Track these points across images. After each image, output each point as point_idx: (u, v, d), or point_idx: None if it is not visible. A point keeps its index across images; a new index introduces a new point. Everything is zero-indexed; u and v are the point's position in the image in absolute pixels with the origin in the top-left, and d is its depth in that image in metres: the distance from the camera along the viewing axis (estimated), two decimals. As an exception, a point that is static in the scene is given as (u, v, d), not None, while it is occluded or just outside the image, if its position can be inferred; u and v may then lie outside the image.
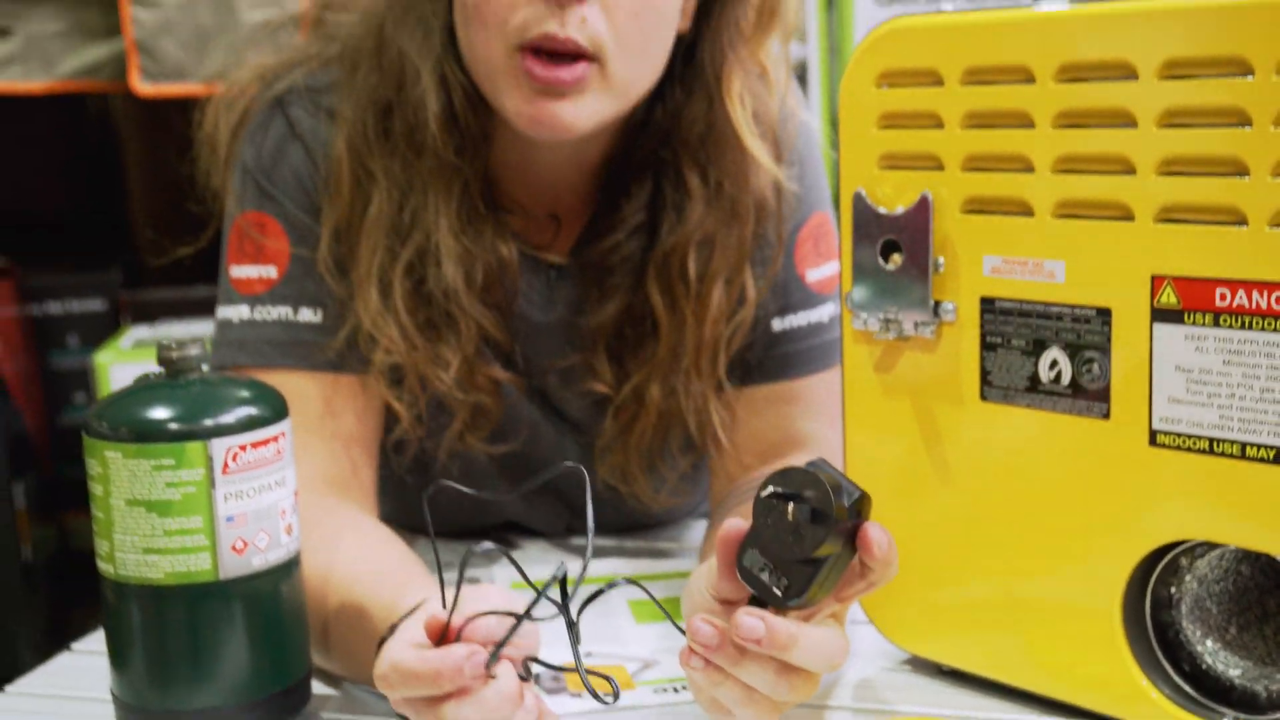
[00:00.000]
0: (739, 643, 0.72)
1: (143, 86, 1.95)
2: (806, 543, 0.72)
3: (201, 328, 2.11)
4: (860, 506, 0.74)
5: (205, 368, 0.81)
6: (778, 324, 1.10)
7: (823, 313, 1.12)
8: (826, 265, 1.12)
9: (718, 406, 1.09)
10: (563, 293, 1.09)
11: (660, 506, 1.15)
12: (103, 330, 2.25)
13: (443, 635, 0.75)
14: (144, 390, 0.79)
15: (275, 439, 0.80)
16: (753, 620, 0.72)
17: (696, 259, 1.05)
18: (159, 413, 0.77)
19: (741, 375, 1.10)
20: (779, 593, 0.73)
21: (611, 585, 0.80)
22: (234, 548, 0.78)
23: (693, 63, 1.04)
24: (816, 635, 0.73)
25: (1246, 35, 0.68)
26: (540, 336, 1.10)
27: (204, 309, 1.99)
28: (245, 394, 0.80)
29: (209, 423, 0.77)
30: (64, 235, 2.69)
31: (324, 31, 1.10)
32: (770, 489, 0.73)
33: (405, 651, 0.73)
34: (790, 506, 0.72)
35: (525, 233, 1.09)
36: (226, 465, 0.77)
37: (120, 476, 0.77)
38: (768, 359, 1.11)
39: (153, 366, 0.81)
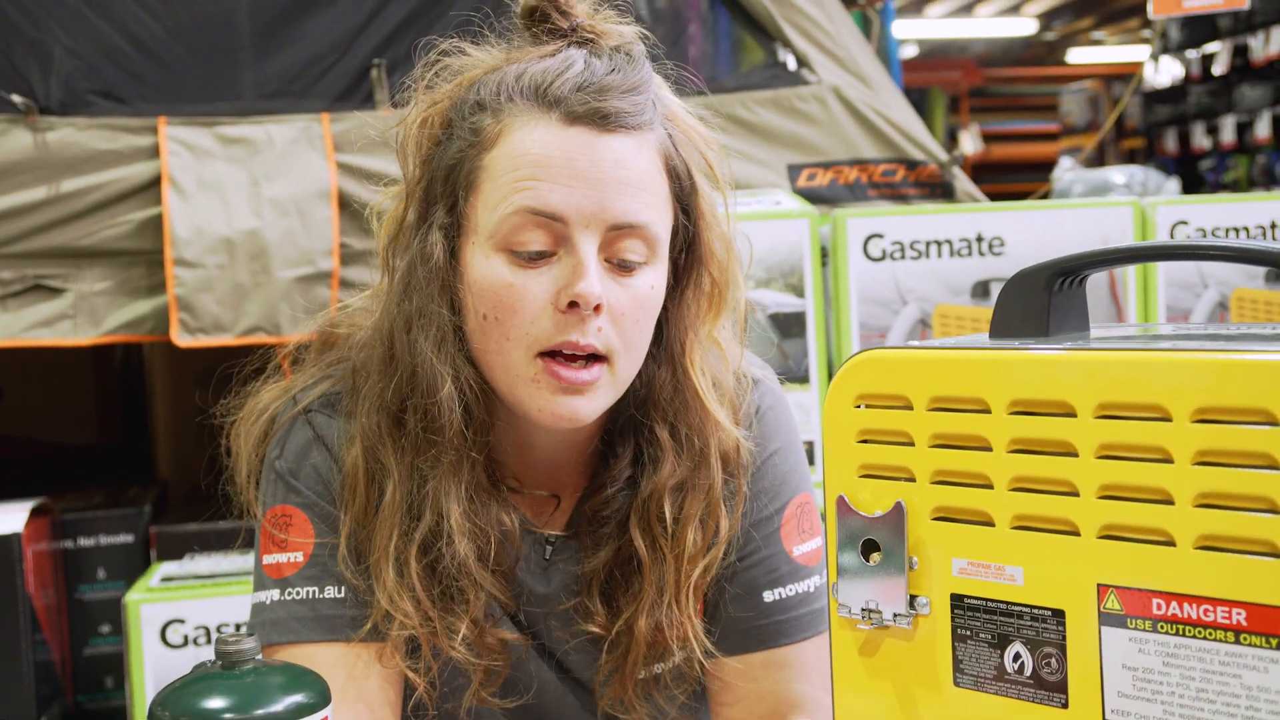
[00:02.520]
0: None
1: (181, 340, 2.08)
2: None
3: (228, 562, 2.19)
4: None
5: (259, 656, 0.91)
6: (768, 596, 1.21)
7: (809, 584, 1.22)
8: (810, 541, 1.23)
9: (698, 633, 1.18)
10: (559, 564, 1.20)
11: None
12: (131, 562, 2.33)
13: None
14: (201, 680, 0.88)
15: (318, 724, 0.89)
16: None
17: (671, 503, 1.17)
18: (215, 703, 0.86)
19: (738, 644, 1.20)
20: None
21: None
22: (279, 826, 0.86)
23: (661, 340, 1.18)
24: None
25: (1166, 386, 0.79)
26: (541, 603, 1.20)
27: (230, 541, 2.09)
28: (293, 682, 0.89)
29: (260, 712, 0.86)
30: (95, 466, 2.80)
31: (334, 355, 1.23)
32: None
33: None
34: None
35: (524, 508, 1.20)
36: (275, 750, 0.86)
37: (180, 762, 0.85)
38: (761, 628, 1.21)
39: (179, 606, 0.91)
